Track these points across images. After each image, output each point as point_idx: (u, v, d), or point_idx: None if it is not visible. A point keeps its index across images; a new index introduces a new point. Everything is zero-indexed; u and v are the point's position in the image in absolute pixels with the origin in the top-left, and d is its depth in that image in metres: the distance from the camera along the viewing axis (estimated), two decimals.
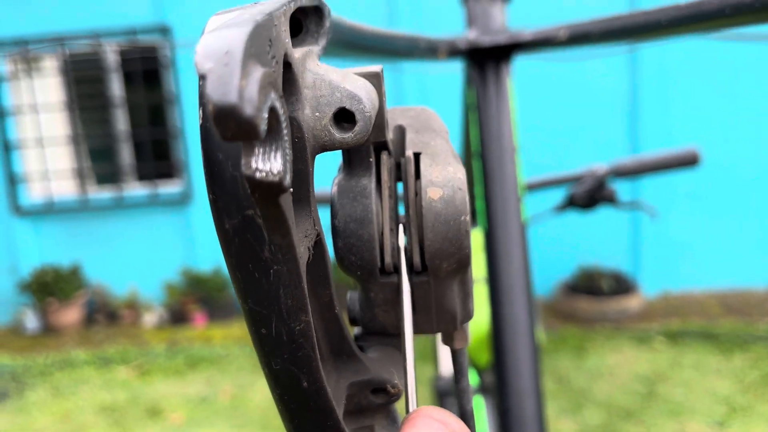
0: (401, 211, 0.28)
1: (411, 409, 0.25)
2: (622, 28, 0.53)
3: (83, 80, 4.92)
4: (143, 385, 3.69)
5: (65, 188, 5.04)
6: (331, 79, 0.21)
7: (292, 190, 0.21)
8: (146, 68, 4.84)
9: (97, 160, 5.16)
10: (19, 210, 4.91)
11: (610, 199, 1.34)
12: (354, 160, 0.26)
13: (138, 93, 4.86)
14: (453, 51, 0.69)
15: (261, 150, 0.16)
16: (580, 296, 4.19)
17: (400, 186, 0.28)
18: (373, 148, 0.27)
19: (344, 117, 0.21)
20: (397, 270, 0.26)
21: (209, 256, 4.82)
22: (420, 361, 2.49)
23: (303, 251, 0.21)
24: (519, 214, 0.69)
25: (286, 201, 0.18)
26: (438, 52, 0.67)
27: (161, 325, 4.72)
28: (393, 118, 0.29)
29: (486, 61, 0.70)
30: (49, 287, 4.62)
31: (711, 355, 3.51)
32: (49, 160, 4.95)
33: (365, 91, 0.21)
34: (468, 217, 0.25)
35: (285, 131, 0.17)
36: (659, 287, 4.54)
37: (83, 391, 3.66)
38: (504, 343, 0.66)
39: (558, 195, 1.99)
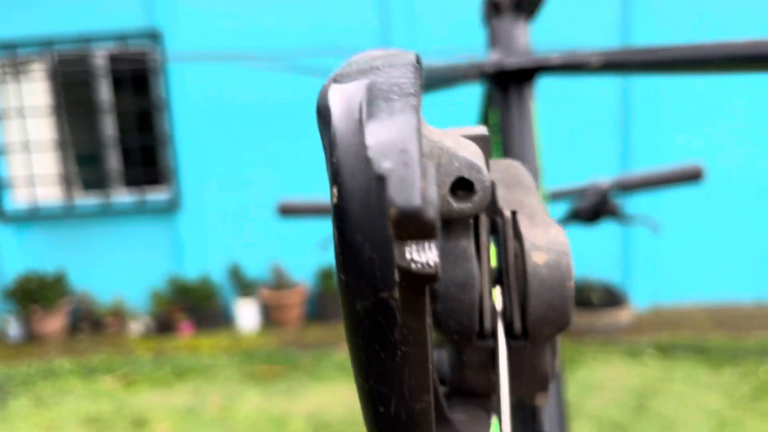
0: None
1: None
2: (662, 61, 0.51)
3: (71, 85, 4.87)
4: (128, 395, 3.64)
5: (51, 194, 4.97)
6: (448, 146, 0.21)
7: None
8: (135, 73, 4.80)
9: (83, 165, 5.10)
10: (3, 215, 4.84)
11: (613, 213, 1.34)
12: (453, 221, 0.25)
13: (126, 98, 4.82)
14: (481, 74, 0.67)
15: (416, 241, 0.15)
16: None
17: None
18: None
19: (460, 185, 0.21)
20: (494, 334, 0.25)
21: (196, 264, 4.78)
22: None
23: (429, 331, 0.20)
24: None
25: (427, 288, 0.17)
26: (469, 75, 0.66)
27: (147, 334, 4.66)
28: None
29: (510, 82, 0.69)
30: (33, 294, 4.54)
31: (701, 368, 3.52)
32: (35, 165, 4.88)
33: (479, 159, 0.21)
34: (573, 283, 0.24)
35: (440, 224, 0.16)
36: (649, 300, 4.56)
37: (67, 401, 3.60)
38: None
39: (559, 208, 1.99)
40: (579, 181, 1.40)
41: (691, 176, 1.26)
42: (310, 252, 2.94)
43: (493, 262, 0.27)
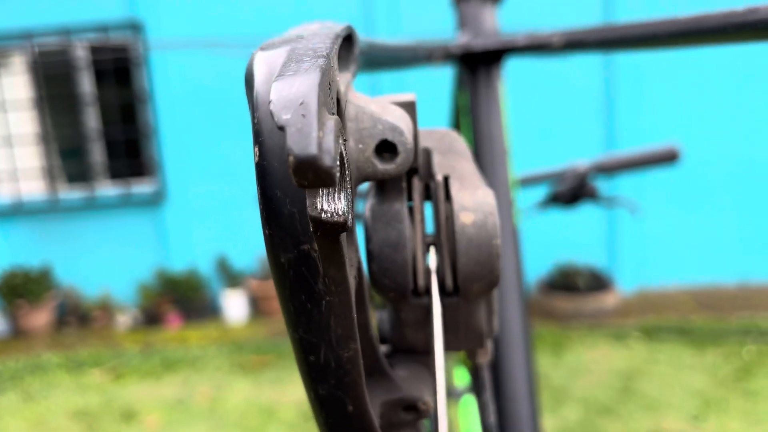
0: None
1: (441, 425, 0.25)
2: (619, 38, 0.52)
3: (52, 77, 4.82)
4: (117, 388, 3.63)
5: (34, 188, 4.93)
6: (372, 110, 0.22)
7: None
8: (117, 65, 4.76)
9: (67, 159, 5.06)
10: None
11: (592, 196, 1.35)
12: (387, 185, 0.27)
13: (109, 90, 4.78)
14: (447, 55, 0.68)
15: (325, 192, 0.17)
16: (557, 294, 4.22)
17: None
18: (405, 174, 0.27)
19: (385, 148, 0.22)
20: (428, 292, 0.27)
21: (183, 256, 4.77)
22: None
23: (352, 281, 0.21)
24: (511, 217, 0.68)
25: (343, 237, 0.18)
26: (433, 57, 0.66)
27: (135, 326, 4.65)
28: (418, 143, 0.30)
29: (478, 64, 0.69)
30: (19, 289, 4.52)
31: (685, 350, 3.57)
32: (18, 159, 4.84)
33: (404, 122, 0.22)
34: (499, 241, 0.25)
35: (348, 174, 0.18)
36: (635, 284, 4.60)
37: (55, 395, 3.59)
38: (498, 345, 0.66)
39: (539, 192, 2.00)
40: (557, 165, 1.41)
41: (667, 158, 1.27)
42: None
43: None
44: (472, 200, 0.26)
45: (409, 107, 0.24)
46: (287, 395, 3.35)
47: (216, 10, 4.48)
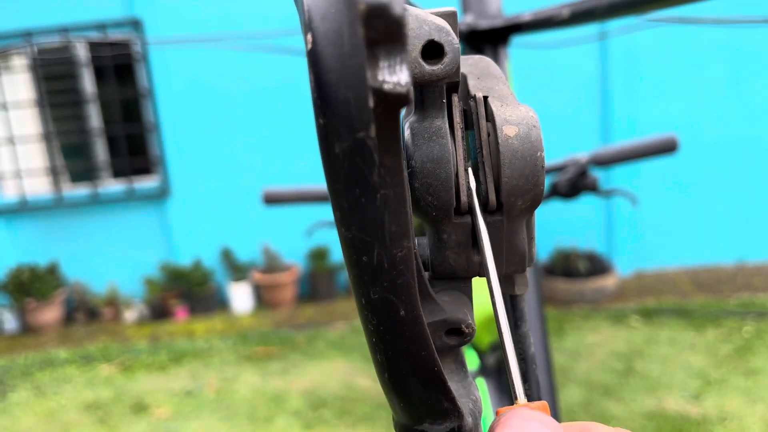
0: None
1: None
2: (626, 3, 0.55)
3: (53, 77, 4.85)
4: (127, 381, 3.68)
5: (39, 186, 4.97)
6: (417, 13, 0.22)
7: None
8: (118, 63, 4.78)
9: (70, 157, 5.09)
10: None
11: (592, 188, 1.37)
12: (427, 101, 0.26)
13: (110, 88, 4.81)
14: None
15: (387, 62, 0.16)
16: (557, 278, 4.27)
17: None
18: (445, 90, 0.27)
19: (431, 51, 0.22)
20: (471, 210, 0.27)
21: (188, 250, 4.80)
22: None
23: (407, 177, 0.21)
24: None
25: (400, 119, 0.18)
26: None
27: (142, 320, 4.70)
28: None
29: (484, 44, 0.73)
30: (26, 287, 4.56)
31: (685, 331, 3.61)
32: (22, 159, 4.87)
33: (449, 26, 0.22)
34: (543, 153, 0.25)
35: (409, 43, 0.17)
36: (633, 267, 4.65)
37: (66, 389, 3.64)
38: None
39: None
40: (558, 158, 1.44)
41: (666, 148, 1.29)
42: (299, 234, 2.98)
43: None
44: (515, 114, 0.26)
45: (451, 17, 0.24)
46: (294, 385, 3.39)
47: (213, 6, 4.50)
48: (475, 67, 0.30)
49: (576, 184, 1.36)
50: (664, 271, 4.63)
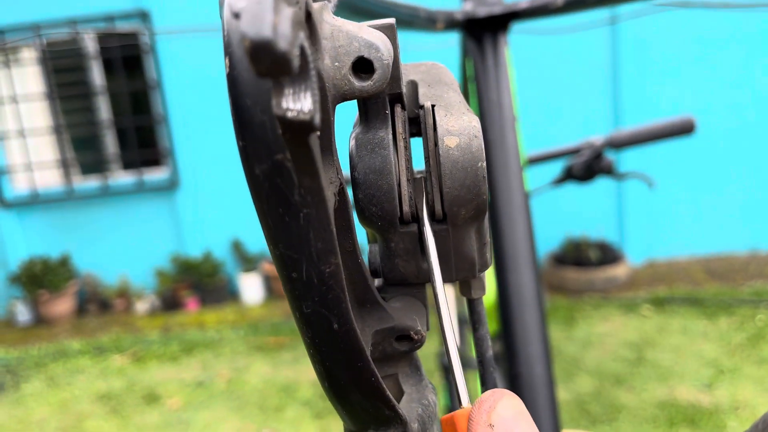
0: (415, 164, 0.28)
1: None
2: None
3: (63, 69, 4.86)
4: (139, 372, 3.71)
5: (50, 179, 5.00)
6: (348, 29, 0.22)
7: (319, 134, 0.20)
8: (126, 55, 4.79)
9: (80, 149, 5.12)
10: (3, 202, 4.87)
11: (607, 171, 1.35)
12: (370, 113, 0.26)
13: (119, 80, 4.82)
14: (450, 22, 0.70)
15: (291, 90, 0.16)
16: (568, 267, 4.25)
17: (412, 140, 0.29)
18: (388, 101, 0.27)
19: (362, 66, 0.22)
20: (415, 219, 0.27)
21: (198, 241, 4.83)
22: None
23: (329, 195, 0.21)
24: (521, 183, 0.70)
25: (315, 142, 0.18)
26: (437, 22, 0.68)
27: (153, 312, 4.73)
28: (405, 74, 0.29)
29: (483, 32, 0.71)
30: (39, 279, 4.60)
31: (697, 319, 3.59)
32: (32, 151, 4.90)
33: (381, 41, 0.22)
34: (484, 164, 0.26)
35: (312, 72, 0.17)
36: (645, 256, 4.62)
37: (79, 380, 3.67)
38: (511, 310, 0.68)
39: (555, 168, 2.02)
40: (570, 142, 1.43)
41: (683, 130, 1.27)
42: None
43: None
44: (457, 124, 0.26)
45: (388, 30, 0.24)
46: (305, 375, 3.41)
47: None
48: (427, 75, 0.30)
49: (591, 167, 1.35)
50: (676, 259, 4.59)
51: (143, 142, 4.95)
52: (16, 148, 4.92)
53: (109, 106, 4.92)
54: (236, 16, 0.15)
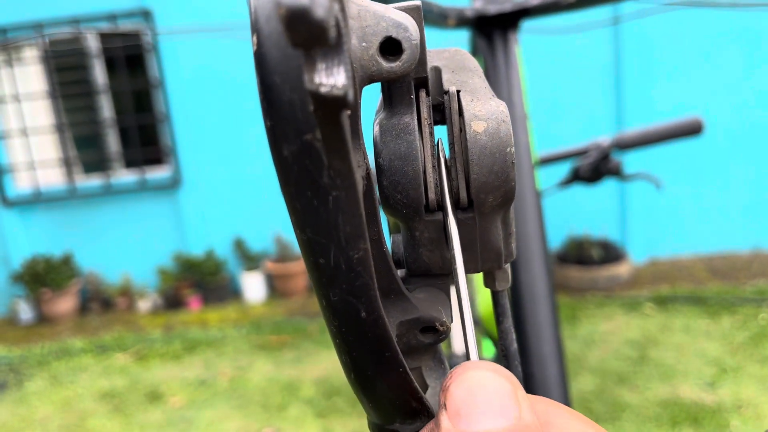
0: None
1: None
2: None
3: (65, 68, 4.86)
4: (142, 370, 3.71)
5: (52, 177, 5.00)
6: (376, 9, 0.22)
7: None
8: (129, 53, 4.79)
9: (83, 148, 5.12)
10: (6, 201, 4.87)
11: (615, 172, 1.35)
12: (395, 98, 0.26)
13: (121, 79, 4.82)
14: (461, 20, 0.70)
15: (324, 64, 0.16)
16: (570, 266, 4.25)
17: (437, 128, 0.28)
18: (413, 86, 0.26)
19: (390, 47, 0.22)
20: (441, 207, 0.27)
21: (201, 240, 4.83)
22: None
23: (359, 177, 0.21)
24: (533, 182, 0.70)
25: (346, 121, 0.17)
26: (448, 19, 0.68)
27: (156, 310, 4.73)
28: (429, 60, 0.29)
29: (493, 29, 0.71)
30: (41, 277, 4.60)
31: (700, 318, 3.59)
32: (35, 150, 4.90)
33: (409, 22, 0.22)
34: (513, 149, 0.25)
35: (347, 45, 0.17)
36: (647, 254, 4.61)
37: (82, 378, 3.68)
38: (524, 309, 0.68)
39: (561, 169, 2.01)
40: (577, 143, 1.42)
41: (691, 130, 1.26)
42: None
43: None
44: (485, 109, 0.26)
45: (415, 12, 0.24)
46: (308, 373, 3.41)
47: None
48: (450, 60, 0.29)
49: (598, 168, 1.34)
50: (679, 258, 4.59)
51: (145, 140, 4.95)
52: (18, 147, 4.92)
53: (112, 105, 4.92)
54: None
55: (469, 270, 0.28)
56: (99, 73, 4.84)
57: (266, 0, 0.16)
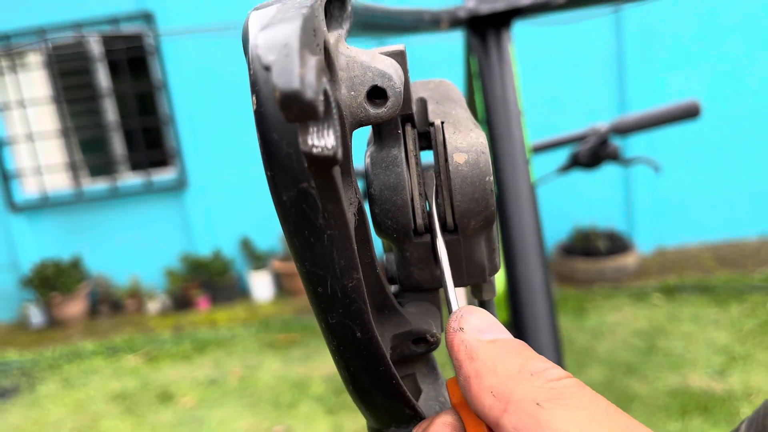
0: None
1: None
2: None
3: (69, 72, 4.88)
4: (152, 371, 3.74)
5: (59, 182, 5.03)
6: (362, 60, 0.24)
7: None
8: (131, 56, 4.81)
9: (88, 152, 5.14)
10: (14, 206, 4.91)
11: (613, 157, 1.35)
12: (384, 133, 0.28)
13: (125, 82, 4.84)
14: (454, 21, 0.71)
15: (315, 129, 0.18)
16: (577, 257, 4.24)
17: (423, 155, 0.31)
18: (400, 121, 0.29)
19: (377, 94, 0.24)
20: (428, 230, 0.29)
21: (208, 240, 4.85)
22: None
23: (350, 217, 0.23)
24: (528, 176, 0.71)
25: (337, 173, 0.20)
26: (441, 22, 0.69)
27: (165, 311, 4.76)
28: (414, 91, 0.31)
29: (487, 28, 0.72)
30: (51, 281, 4.63)
31: (708, 307, 3.58)
32: (41, 155, 4.93)
33: (393, 69, 0.24)
34: (491, 178, 0.28)
35: (335, 111, 0.19)
36: (654, 244, 4.60)
37: (93, 381, 3.70)
38: (521, 300, 0.69)
39: (560, 156, 2.01)
40: (575, 129, 1.42)
41: (688, 113, 1.26)
42: None
43: None
44: (465, 141, 0.28)
45: (399, 56, 0.26)
46: (317, 370, 3.42)
47: None
48: (435, 92, 0.32)
49: (597, 153, 1.35)
50: (686, 247, 4.58)
51: (150, 143, 4.97)
52: (24, 152, 4.95)
53: (116, 108, 4.94)
54: (266, 68, 0.17)
55: (456, 284, 0.30)
56: (102, 77, 4.86)
57: (262, 63, 0.17)
